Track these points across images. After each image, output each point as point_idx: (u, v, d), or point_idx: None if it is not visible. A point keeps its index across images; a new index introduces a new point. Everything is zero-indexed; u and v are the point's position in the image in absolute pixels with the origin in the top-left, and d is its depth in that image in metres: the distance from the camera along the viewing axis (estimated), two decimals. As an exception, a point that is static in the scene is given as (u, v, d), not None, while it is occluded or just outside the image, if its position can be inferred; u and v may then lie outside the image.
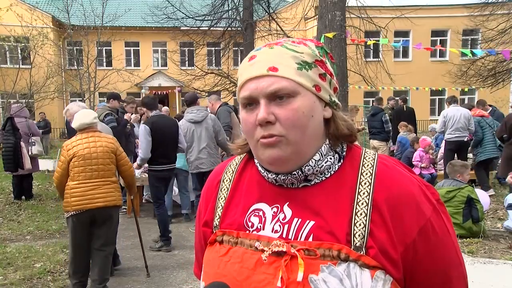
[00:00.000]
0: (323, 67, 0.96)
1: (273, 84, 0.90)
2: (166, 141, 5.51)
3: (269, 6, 16.11)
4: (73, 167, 3.89)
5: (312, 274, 0.86)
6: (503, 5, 16.07)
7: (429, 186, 0.98)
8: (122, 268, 4.99)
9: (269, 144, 0.91)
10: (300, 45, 0.95)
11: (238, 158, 1.10)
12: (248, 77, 0.93)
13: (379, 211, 0.90)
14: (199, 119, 6.08)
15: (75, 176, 3.89)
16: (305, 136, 0.92)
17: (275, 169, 0.96)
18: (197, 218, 1.15)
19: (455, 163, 5.93)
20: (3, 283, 4.44)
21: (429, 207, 0.93)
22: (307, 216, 0.93)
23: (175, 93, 26.11)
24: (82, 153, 3.89)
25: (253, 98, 0.92)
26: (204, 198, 1.11)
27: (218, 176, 1.10)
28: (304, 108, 0.91)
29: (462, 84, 17.43)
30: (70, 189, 3.89)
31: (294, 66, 0.92)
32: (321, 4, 8.96)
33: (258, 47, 0.98)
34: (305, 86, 0.92)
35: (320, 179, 0.96)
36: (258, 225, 0.96)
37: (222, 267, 0.94)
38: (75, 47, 19.54)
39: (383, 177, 0.94)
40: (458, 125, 8.05)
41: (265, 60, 0.93)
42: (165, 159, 5.50)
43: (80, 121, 4.00)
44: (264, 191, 0.99)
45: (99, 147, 3.97)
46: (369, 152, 1.00)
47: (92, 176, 3.92)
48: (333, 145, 0.98)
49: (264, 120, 0.90)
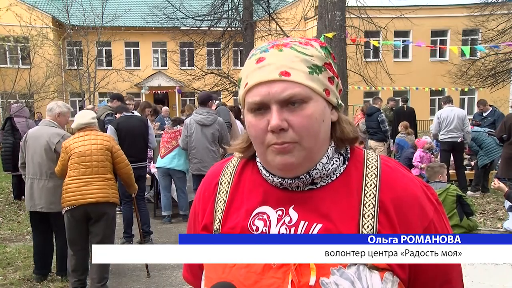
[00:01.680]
0: (331, 70, 0.95)
1: (286, 89, 0.88)
2: (133, 141, 5.67)
3: (269, 6, 16.11)
4: (70, 164, 4.05)
5: (324, 277, 0.86)
6: (503, 5, 16.07)
7: (429, 186, 1.00)
8: (122, 268, 4.98)
9: (282, 150, 0.89)
10: (308, 46, 0.93)
11: (235, 160, 1.08)
12: (258, 81, 0.90)
13: (386, 213, 0.91)
14: (207, 123, 6.10)
15: (70, 173, 4.04)
16: (317, 142, 0.92)
17: (284, 175, 0.94)
18: (191, 220, 1.11)
19: (433, 165, 6.00)
20: (3, 283, 4.44)
21: (431, 208, 0.95)
22: (314, 219, 0.92)
23: (175, 93, 26.12)
24: (77, 150, 4.05)
25: (264, 103, 0.90)
26: (200, 201, 1.08)
27: (216, 178, 1.07)
28: (316, 114, 0.90)
29: (462, 84, 17.43)
30: (65, 185, 4.03)
31: (305, 70, 0.90)
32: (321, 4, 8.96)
33: (264, 47, 0.94)
34: (317, 91, 0.91)
35: (326, 181, 0.95)
36: (263, 228, 0.94)
37: (227, 272, 0.92)
38: (75, 47, 19.53)
39: (387, 178, 0.95)
40: (451, 126, 8.02)
41: (276, 64, 0.90)
42: (132, 157, 5.47)
43: (77, 121, 4.21)
44: (267, 194, 0.98)
45: (93, 145, 4.11)
46: (371, 154, 1.01)
47: (86, 173, 4.02)
48: (337, 147, 0.98)
49: (278, 128, 0.87)
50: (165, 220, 6.86)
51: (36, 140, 4.39)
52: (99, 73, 18.08)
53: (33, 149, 4.38)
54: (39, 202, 4.37)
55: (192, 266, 1.13)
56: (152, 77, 26.65)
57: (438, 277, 0.95)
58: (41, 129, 4.50)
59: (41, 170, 4.37)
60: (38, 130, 4.53)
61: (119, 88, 19.47)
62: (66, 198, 3.98)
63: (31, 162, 4.41)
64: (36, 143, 4.38)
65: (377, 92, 18.41)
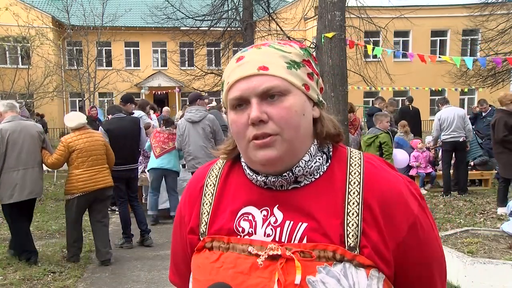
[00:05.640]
0: (310, 67, 0.97)
1: (265, 82, 0.90)
2: (124, 142, 5.67)
3: (269, 6, 16.09)
4: (77, 158, 4.89)
5: (310, 276, 0.86)
6: (503, 5, 16.06)
7: (412, 182, 1.00)
8: (122, 268, 4.99)
9: (263, 144, 0.90)
10: (286, 45, 0.96)
11: (220, 162, 1.07)
12: (237, 77, 0.92)
13: (370, 210, 0.91)
14: (196, 119, 6.10)
15: (79, 165, 4.90)
16: (298, 135, 0.92)
17: (266, 171, 0.95)
18: (178, 222, 1.10)
19: (377, 113, 7.34)
20: (3, 283, 4.44)
21: (415, 203, 0.95)
22: (299, 218, 0.92)
23: (175, 93, 26.11)
24: (83, 146, 4.91)
25: (244, 98, 0.91)
26: (186, 203, 1.07)
27: (201, 181, 1.06)
28: (296, 106, 0.91)
29: (462, 84, 17.42)
30: (76, 176, 4.88)
31: (283, 65, 0.92)
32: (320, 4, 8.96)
33: (245, 48, 0.98)
34: (296, 85, 0.92)
35: (309, 180, 0.96)
36: (249, 229, 0.94)
37: (215, 273, 0.92)
38: (75, 47, 19.52)
39: (371, 176, 0.95)
40: (453, 125, 8.01)
41: (254, 60, 0.92)
42: (122, 159, 5.60)
43: (78, 121, 5.00)
44: (252, 194, 0.98)
45: (95, 141, 5.03)
46: (355, 152, 1.01)
47: (93, 164, 4.95)
48: (320, 145, 0.98)
49: (258, 119, 0.89)
50: (151, 220, 6.83)
51: (21, 133, 4.83)
52: (99, 73, 18.06)
53: (22, 141, 4.82)
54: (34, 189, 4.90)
55: (179, 268, 1.12)
56: (152, 77, 26.65)
57: (423, 270, 0.96)
58: (22, 123, 4.95)
59: (35, 159, 4.92)
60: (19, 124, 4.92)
61: (119, 88, 19.46)
62: (79, 186, 4.86)
63: (24, 154, 4.82)
64: (25, 135, 4.84)
65: (377, 92, 18.42)
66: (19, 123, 4.92)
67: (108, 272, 4.90)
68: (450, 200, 7.93)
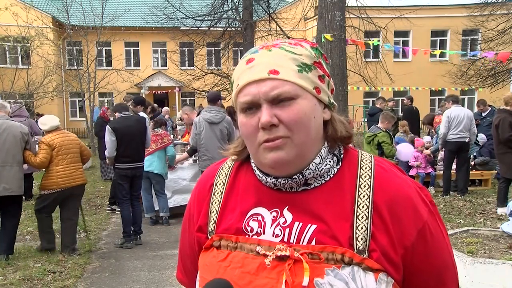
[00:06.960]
0: (322, 69, 0.96)
1: (276, 88, 0.89)
2: (129, 141, 5.73)
3: (269, 6, 16.12)
4: (57, 156, 5.17)
5: (318, 278, 0.86)
6: (503, 5, 16.07)
7: (423, 188, 0.99)
8: (122, 268, 4.99)
9: (274, 147, 0.89)
10: (297, 46, 0.94)
11: (230, 161, 1.07)
12: (247, 80, 0.91)
13: (380, 214, 0.91)
14: (216, 121, 6.11)
15: (59, 162, 5.18)
16: (308, 138, 0.91)
17: (276, 173, 0.94)
18: (186, 221, 1.10)
19: (387, 112, 7.37)
20: (3, 283, 4.44)
21: (426, 209, 0.95)
22: (308, 220, 0.92)
23: (175, 93, 26.11)
24: (62, 144, 5.23)
25: (254, 102, 0.90)
26: (195, 202, 1.07)
27: (211, 179, 1.06)
28: (306, 109, 0.90)
29: (462, 84, 17.43)
30: (57, 172, 5.17)
31: (294, 68, 0.91)
32: (320, 4, 8.98)
33: (254, 49, 0.96)
34: (306, 89, 0.91)
35: (319, 182, 0.95)
36: (258, 229, 0.94)
37: (222, 272, 0.92)
38: (75, 47, 19.51)
39: (381, 179, 0.94)
40: (461, 125, 7.92)
41: (265, 63, 0.91)
42: (128, 158, 5.71)
43: (51, 124, 5.32)
44: (261, 196, 0.97)
45: (71, 141, 5.38)
46: (365, 155, 1.00)
47: (72, 161, 5.28)
48: (331, 147, 0.97)
49: (269, 124, 0.88)
50: (150, 222, 6.84)
51: (4, 132, 4.99)
52: (99, 73, 18.04)
53: (4, 140, 4.98)
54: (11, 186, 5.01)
55: (187, 267, 1.12)
56: (152, 77, 26.64)
57: (432, 277, 0.95)
58: (8, 123, 5.11)
59: (14, 158, 5.05)
60: (4, 123, 5.07)
61: (119, 88, 19.46)
62: (59, 182, 5.15)
63: (4, 152, 4.96)
64: (7, 135, 5.01)
65: (377, 92, 18.42)
66: (5, 122, 5.08)
67: (108, 272, 4.90)
68: (450, 200, 7.92)
